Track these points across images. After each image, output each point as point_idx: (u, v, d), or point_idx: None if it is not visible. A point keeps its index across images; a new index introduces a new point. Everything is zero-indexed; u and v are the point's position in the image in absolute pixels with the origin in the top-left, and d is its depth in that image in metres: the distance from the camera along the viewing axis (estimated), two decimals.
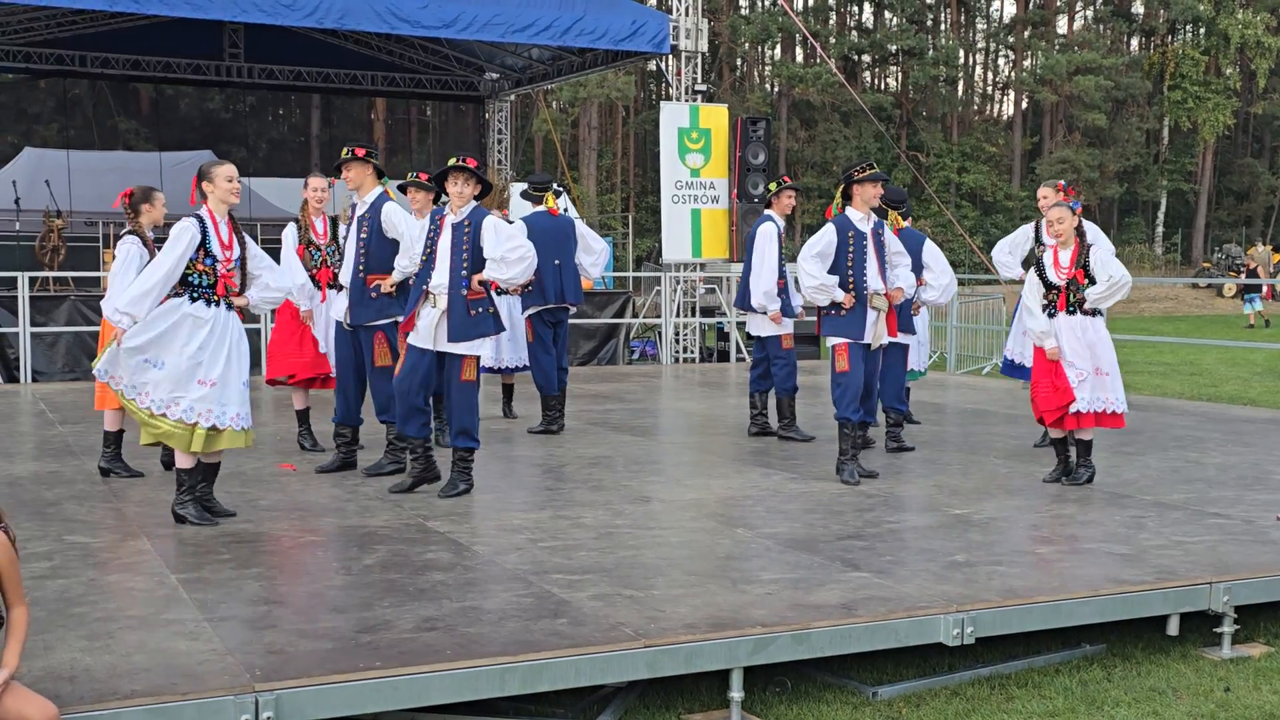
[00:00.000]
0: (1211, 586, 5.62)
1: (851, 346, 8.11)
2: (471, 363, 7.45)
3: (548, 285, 10.16)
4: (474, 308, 7.38)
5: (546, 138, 37.47)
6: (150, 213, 7.89)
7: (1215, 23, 50.98)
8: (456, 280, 7.35)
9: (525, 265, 7.39)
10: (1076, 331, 7.85)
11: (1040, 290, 7.97)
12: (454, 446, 7.55)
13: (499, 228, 7.42)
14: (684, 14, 17.81)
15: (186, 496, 6.74)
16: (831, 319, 8.12)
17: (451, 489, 7.50)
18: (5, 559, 3.99)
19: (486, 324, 7.45)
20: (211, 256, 6.62)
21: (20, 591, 4.04)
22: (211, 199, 6.76)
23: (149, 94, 26.87)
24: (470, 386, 7.48)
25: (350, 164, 8.13)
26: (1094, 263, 7.82)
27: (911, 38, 50.36)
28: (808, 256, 8.03)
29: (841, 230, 8.08)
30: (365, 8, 15.38)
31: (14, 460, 8.83)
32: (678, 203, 17.58)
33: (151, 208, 7.90)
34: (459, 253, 7.36)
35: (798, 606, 5.16)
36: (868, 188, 8.15)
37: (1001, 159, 51.59)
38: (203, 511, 6.75)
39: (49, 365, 14.63)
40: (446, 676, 4.38)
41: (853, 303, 8.02)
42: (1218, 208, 55.54)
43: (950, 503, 7.43)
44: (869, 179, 8.14)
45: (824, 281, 7.97)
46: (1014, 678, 5.28)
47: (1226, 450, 9.54)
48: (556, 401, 10.32)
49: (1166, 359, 21.39)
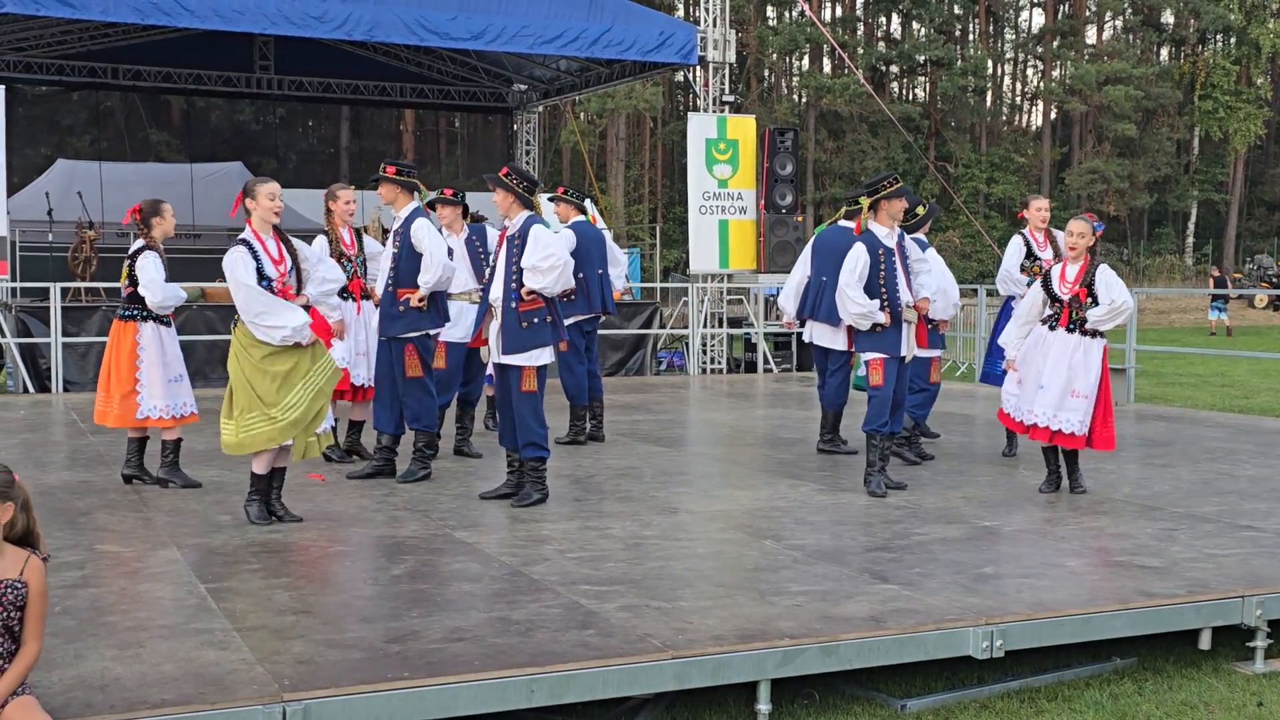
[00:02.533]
0: (1244, 600, 5.58)
1: (887, 361, 8.10)
2: (530, 373, 7.48)
3: (593, 294, 10.11)
4: (526, 319, 7.42)
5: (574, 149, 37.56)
6: (160, 225, 8.00)
7: (1246, 32, 50.70)
8: (508, 292, 7.44)
9: (557, 274, 7.38)
10: (1067, 349, 7.81)
11: (1042, 302, 7.96)
12: (524, 458, 7.61)
13: (539, 236, 7.43)
14: (712, 25, 17.83)
15: (257, 497, 7.00)
16: (869, 335, 8.11)
17: (526, 499, 7.56)
18: (36, 589, 3.95)
19: (544, 334, 7.51)
20: (267, 279, 6.79)
21: (39, 629, 3.98)
22: (255, 216, 6.97)
23: (180, 106, 27.12)
24: (532, 397, 7.51)
25: (381, 181, 8.30)
26: (1098, 283, 7.78)
27: (939, 48, 50.26)
28: (851, 283, 7.99)
29: (872, 250, 8.07)
30: (394, 20, 15.46)
31: (46, 470, 8.89)
32: (705, 214, 17.58)
33: (161, 220, 8.00)
34: (510, 264, 7.44)
35: (826, 618, 5.14)
36: (895, 202, 8.15)
37: (1030, 169, 51.40)
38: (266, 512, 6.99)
39: (80, 375, 14.73)
40: (474, 687, 4.38)
41: (889, 320, 8.02)
42: (1249, 218, 55.18)
43: (978, 514, 7.39)
44: (895, 194, 8.12)
45: (870, 309, 7.98)
46: (1043, 691, 5.25)
47: (1259, 462, 9.46)
48: (587, 411, 10.31)
49: (1198, 370, 21.25)
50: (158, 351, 8.01)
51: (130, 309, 8.01)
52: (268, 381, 6.70)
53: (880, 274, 8.03)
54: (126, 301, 8.02)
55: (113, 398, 7.98)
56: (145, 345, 7.98)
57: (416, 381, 8.29)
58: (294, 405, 6.70)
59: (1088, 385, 7.80)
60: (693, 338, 17.88)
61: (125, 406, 7.95)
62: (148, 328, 8.00)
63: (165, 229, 8.01)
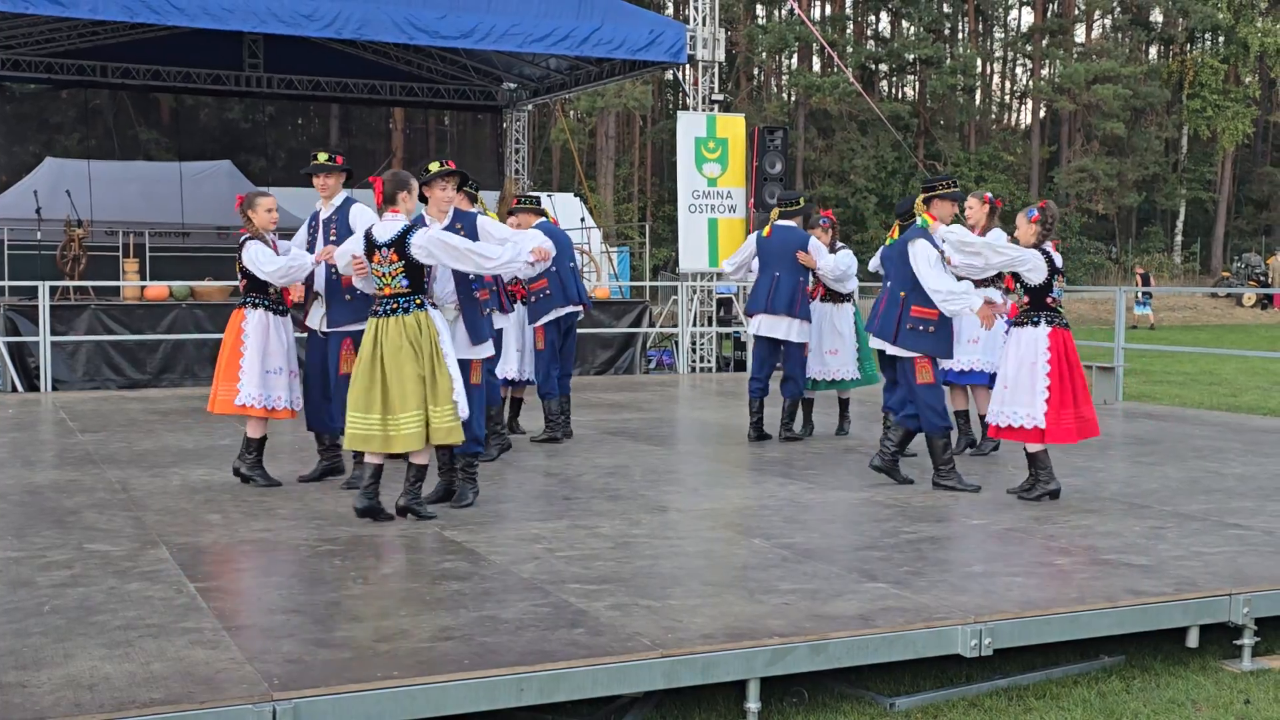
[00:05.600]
0: (1231, 598, 5.60)
1: (935, 360, 8.14)
2: (477, 366, 7.39)
3: (568, 286, 10.16)
4: (483, 308, 7.40)
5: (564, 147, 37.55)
6: (256, 217, 7.98)
7: (1235, 31, 50.86)
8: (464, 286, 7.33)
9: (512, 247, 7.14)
10: (1012, 342, 7.76)
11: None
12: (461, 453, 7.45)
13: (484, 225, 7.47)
14: (701, 24, 17.83)
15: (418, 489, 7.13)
16: (919, 334, 8.07)
17: (461, 499, 7.46)
18: None
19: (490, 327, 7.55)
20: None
21: None
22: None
23: (169, 104, 27.01)
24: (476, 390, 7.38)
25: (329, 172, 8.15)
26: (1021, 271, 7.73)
27: (929, 47, 50.34)
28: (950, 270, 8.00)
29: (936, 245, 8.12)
30: (384, 18, 15.43)
31: (35, 469, 8.88)
32: (694, 212, 17.58)
33: (255, 213, 7.98)
34: None
35: (815, 617, 5.15)
36: (947, 204, 8.22)
37: (1019, 168, 51.51)
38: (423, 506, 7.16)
39: (69, 374, 14.71)
40: (463, 686, 4.39)
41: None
42: (1237, 216, 55.35)
43: (967, 513, 7.41)
44: (950, 196, 8.21)
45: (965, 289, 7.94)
46: (1032, 689, 5.26)
47: (1246, 460, 9.49)
48: (558, 405, 10.30)
49: (1186, 368, 21.32)
50: (261, 339, 7.96)
51: (243, 297, 8.03)
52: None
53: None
54: (242, 292, 8.04)
55: (220, 383, 7.99)
56: (250, 332, 7.95)
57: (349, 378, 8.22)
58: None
59: (1013, 376, 7.64)
60: (682, 336, 17.88)
61: (226, 393, 7.94)
62: (255, 315, 7.97)
63: (261, 221, 7.96)
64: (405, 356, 6.74)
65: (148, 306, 15.39)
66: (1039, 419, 7.53)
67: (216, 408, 8.04)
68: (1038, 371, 7.55)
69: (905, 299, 8.12)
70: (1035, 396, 7.54)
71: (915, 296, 8.06)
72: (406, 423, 6.75)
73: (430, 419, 6.79)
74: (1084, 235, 50.37)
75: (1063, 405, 7.55)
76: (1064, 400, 7.55)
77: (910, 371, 8.14)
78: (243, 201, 8.06)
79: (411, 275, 6.83)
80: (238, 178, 23.58)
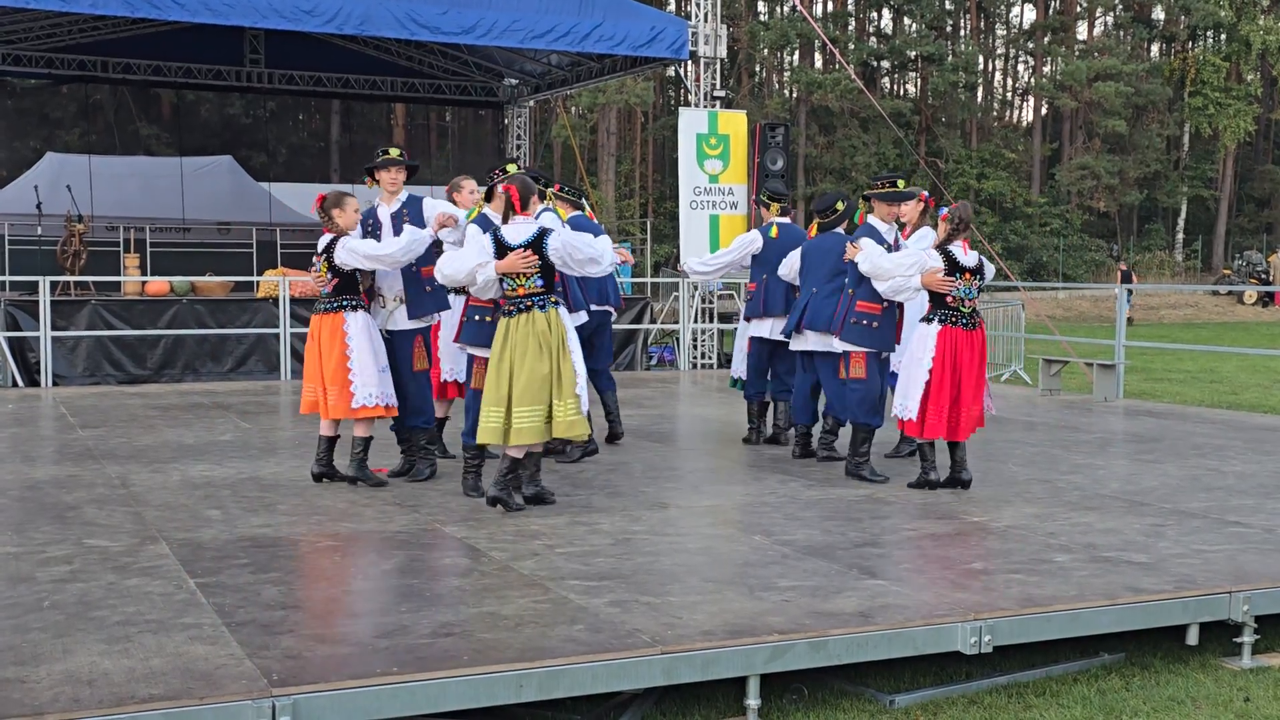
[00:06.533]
0: (1231, 596, 5.60)
1: (869, 356, 8.35)
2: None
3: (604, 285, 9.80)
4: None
5: (565, 143, 37.53)
6: (341, 217, 7.94)
7: (1236, 29, 50.80)
8: None
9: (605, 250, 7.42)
10: (912, 336, 8.09)
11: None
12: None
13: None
14: (703, 20, 17.82)
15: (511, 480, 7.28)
16: (864, 330, 8.28)
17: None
18: None
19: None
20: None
21: None
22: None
23: (170, 99, 27.00)
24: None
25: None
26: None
27: (930, 44, 50.28)
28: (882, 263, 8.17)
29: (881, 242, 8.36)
30: (385, 14, 15.43)
31: (34, 464, 8.88)
32: (696, 209, 17.58)
33: (342, 212, 7.95)
34: None
35: (815, 614, 5.15)
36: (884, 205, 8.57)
37: (1021, 165, 51.47)
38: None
39: (69, 369, 14.71)
40: (463, 682, 4.39)
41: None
42: (1238, 214, 55.31)
43: (968, 510, 7.41)
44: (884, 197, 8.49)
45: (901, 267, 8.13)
46: (1031, 686, 5.26)
47: (1247, 458, 9.49)
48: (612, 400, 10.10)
49: (1186, 366, 21.31)
50: (368, 340, 7.94)
51: (337, 300, 7.93)
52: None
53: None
54: (334, 294, 7.93)
55: (328, 389, 7.90)
56: (355, 335, 7.90)
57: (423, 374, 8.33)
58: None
59: (906, 371, 8.00)
60: (683, 333, 17.88)
61: (341, 398, 7.87)
62: (357, 317, 7.93)
63: (348, 221, 7.95)
64: (532, 354, 6.94)
65: (148, 302, 15.39)
66: (912, 412, 7.88)
67: (329, 413, 7.95)
68: (920, 368, 7.88)
69: (852, 295, 8.34)
70: (915, 391, 7.87)
71: (862, 291, 8.27)
72: (527, 416, 6.94)
73: (554, 413, 7.00)
74: (1085, 233, 50.36)
75: (939, 403, 7.81)
76: (940, 398, 7.81)
77: (843, 366, 8.38)
78: (325, 200, 7.99)
79: (546, 275, 7.06)
80: (238, 173, 23.60)
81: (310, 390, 8.03)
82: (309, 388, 8.04)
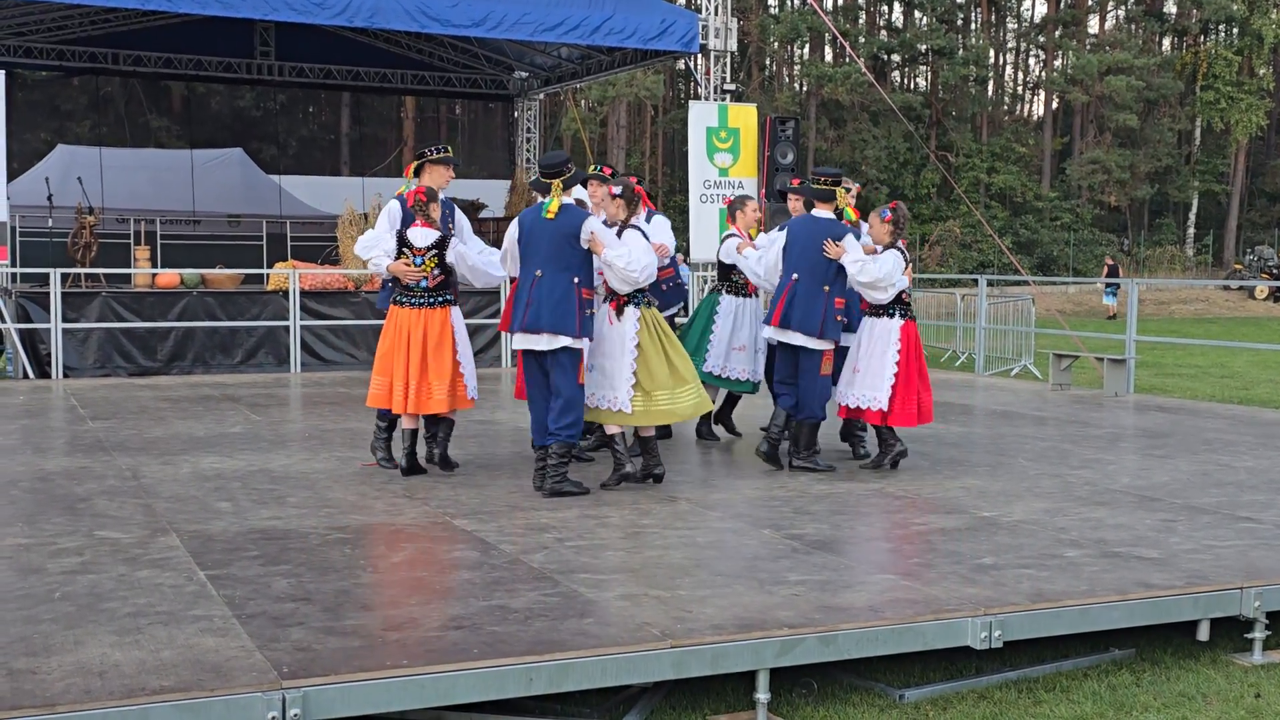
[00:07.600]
0: (1242, 591, 5.58)
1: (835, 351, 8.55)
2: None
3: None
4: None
5: (575, 136, 37.52)
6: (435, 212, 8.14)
7: (1249, 23, 50.64)
8: None
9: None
10: (865, 330, 8.45)
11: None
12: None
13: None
14: (713, 13, 17.78)
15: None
16: (837, 325, 8.39)
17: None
18: None
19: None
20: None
21: None
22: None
23: (180, 92, 27.03)
24: None
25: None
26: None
27: (941, 37, 50.19)
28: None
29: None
30: (395, 6, 15.41)
31: (46, 455, 8.90)
32: (706, 202, 17.55)
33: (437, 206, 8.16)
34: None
35: (825, 608, 5.14)
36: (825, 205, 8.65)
37: (1031, 159, 51.36)
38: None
39: (80, 361, 14.73)
40: (473, 675, 4.39)
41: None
42: (1250, 209, 55.14)
43: (978, 505, 7.40)
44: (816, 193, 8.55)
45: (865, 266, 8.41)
46: (1041, 681, 5.26)
47: (1258, 454, 9.47)
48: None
49: (1197, 361, 21.26)
50: (465, 334, 8.18)
51: (439, 295, 8.02)
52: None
53: None
54: (436, 289, 8.01)
55: (431, 384, 7.94)
56: (460, 330, 8.12)
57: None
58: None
59: (865, 360, 8.38)
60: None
61: (452, 390, 7.98)
62: (459, 313, 8.16)
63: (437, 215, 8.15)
64: (651, 347, 7.68)
65: (159, 294, 15.41)
66: (883, 402, 8.31)
67: (434, 407, 7.95)
68: (887, 360, 8.31)
69: (829, 292, 8.33)
70: (883, 382, 8.30)
71: (837, 288, 8.36)
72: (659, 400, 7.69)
73: (676, 397, 7.73)
74: (1096, 227, 50.25)
75: (907, 392, 8.31)
76: (908, 388, 8.32)
77: (820, 363, 8.43)
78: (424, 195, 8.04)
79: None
80: (249, 166, 23.62)
81: (382, 384, 8.03)
82: (383, 381, 8.02)
